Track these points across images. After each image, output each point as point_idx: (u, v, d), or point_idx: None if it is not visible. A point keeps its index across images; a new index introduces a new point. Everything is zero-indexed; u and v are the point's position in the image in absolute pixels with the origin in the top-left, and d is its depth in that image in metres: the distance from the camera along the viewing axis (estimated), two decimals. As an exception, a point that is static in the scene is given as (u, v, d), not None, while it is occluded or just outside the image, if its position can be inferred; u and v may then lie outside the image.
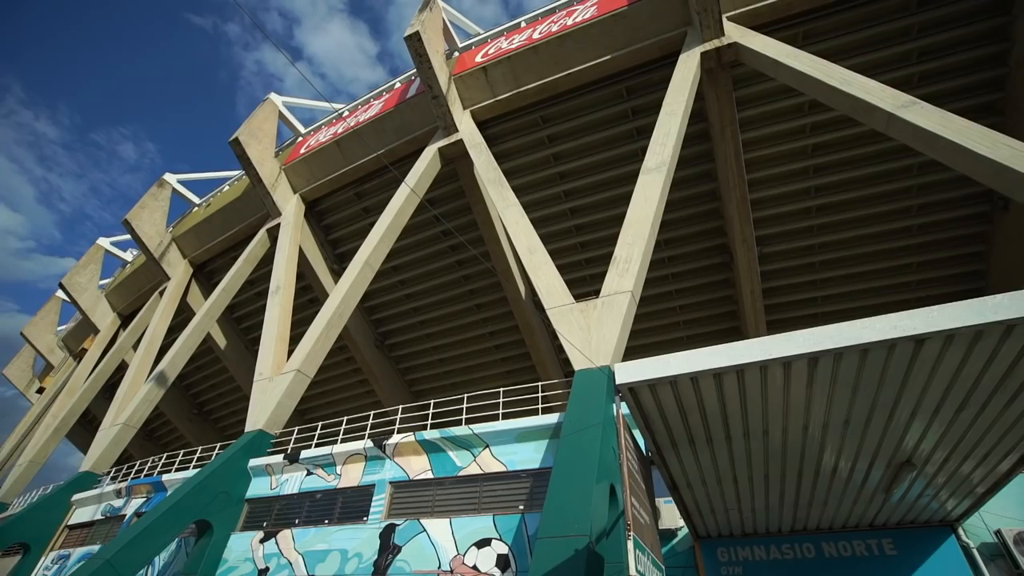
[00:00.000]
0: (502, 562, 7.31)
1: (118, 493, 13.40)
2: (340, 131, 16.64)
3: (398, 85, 17.13)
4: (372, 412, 11.54)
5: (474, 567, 7.39)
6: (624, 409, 3.93)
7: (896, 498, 5.41)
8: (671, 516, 6.91)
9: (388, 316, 19.06)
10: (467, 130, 14.22)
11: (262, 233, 17.30)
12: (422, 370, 19.97)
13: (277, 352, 13.04)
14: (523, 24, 15.81)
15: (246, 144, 16.25)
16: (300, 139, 18.76)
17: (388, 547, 8.05)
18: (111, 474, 15.26)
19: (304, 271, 17.36)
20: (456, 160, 14.67)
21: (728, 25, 12.18)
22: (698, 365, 3.19)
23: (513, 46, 14.33)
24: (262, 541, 9.30)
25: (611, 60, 13.33)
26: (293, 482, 10.02)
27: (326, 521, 9.05)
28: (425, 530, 8.03)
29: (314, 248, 17.54)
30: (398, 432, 9.81)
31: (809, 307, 15.67)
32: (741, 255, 14.34)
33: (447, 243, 16.84)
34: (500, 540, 7.54)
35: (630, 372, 3.32)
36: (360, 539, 8.40)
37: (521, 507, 7.82)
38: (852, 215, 14.14)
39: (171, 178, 20.97)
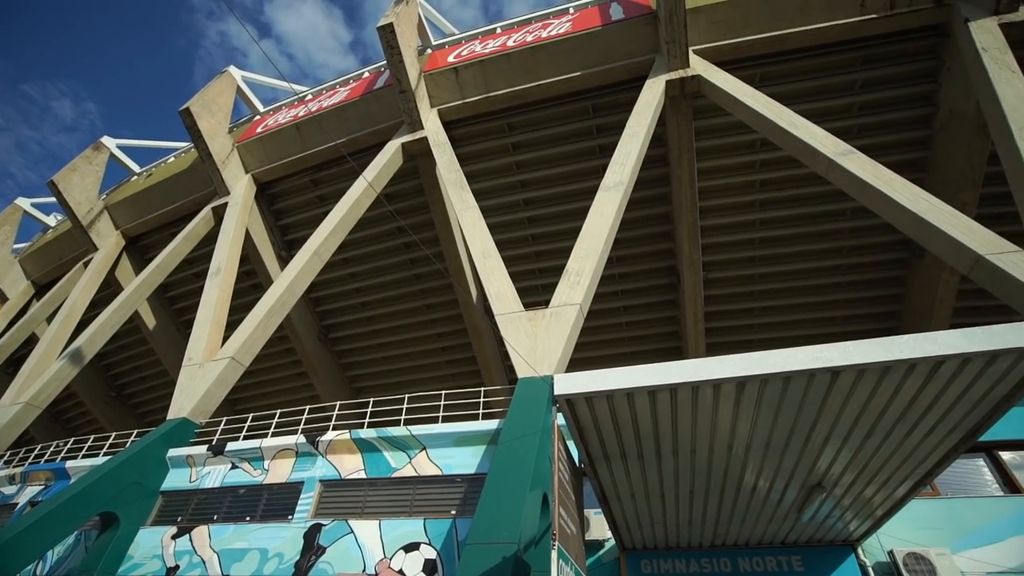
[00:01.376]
0: (429, 567, 7.22)
1: (11, 479, 12.26)
2: (301, 114, 16.10)
3: (366, 75, 16.79)
4: (308, 407, 11.15)
5: (400, 571, 7.25)
6: (561, 420, 3.99)
7: (806, 518, 5.76)
8: (600, 527, 7.05)
9: (334, 309, 18.52)
10: (432, 128, 14.11)
11: (207, 211, 16.43)
12: (365, 367, 19.50)
13: (211, 337, 12.39)
14: (498, 30, 15.91)
15: (198, 115, 15.43)
16: (258, 117, 18.00)
17: (312, 548, 7.77)
18: (5, 458, 13.95)
19: (249, 255, 16.61)
20: (418, 157, 14.51)
21: (694, 58, 12.72)
22: (634, 381, 3.29)
23: (486, 51, 14.37)
24: (174, 537, 8.75)
25: (581, 76, 13.61)
26: (215, 475, 9.50)
27: (248, 518, 8.64)
28: (353, 531, 7.81)
29: (262, 232, 16.83)
30: (333, 429, 9.50)
31: (746, 333, 16.48)
32: (688, 278, 14.92)
33: (402, 240, 16.59)
34: (429, 544, 7.44)
35: (568, 384, 3.37)
36: (283, 538, 8.07)
37: (453, 512, 7.76)
38: (791, 249, 15.03)
39: (109, 142, 19.58)
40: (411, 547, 7.47)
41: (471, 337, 17.01)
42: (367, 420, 10.00)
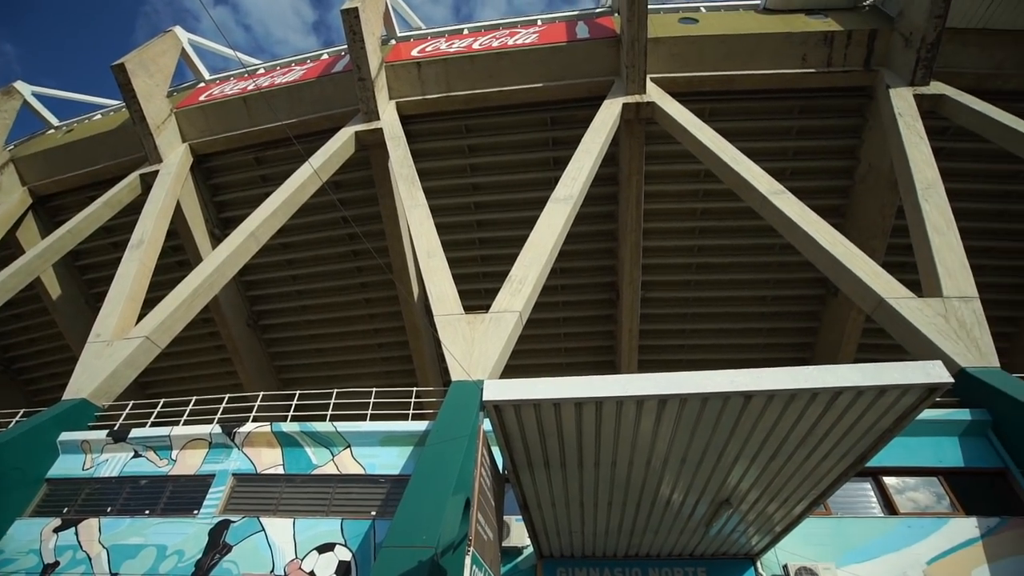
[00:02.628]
0: (343, 569, 7.00)
1: None
2: (251, 88, 15.32)
3: (325, 57, 16.25)
4: (228, 395, 10.53)
5: (311, 573, 6.98)
6: (488, 426, 4.00)
7: (713, 532, 6.07)
8: (519, 534, 7.09)
9: (268, 295, 17.66)
10: (389, 120, 13.84)
11: (134, 177, 15.23)
12: (295, 357, 18.71)
13: (125, 313, 11.45)
14: (466, 31, 15.89)
15: (133, 73, 14.31)
16: (202, 85, 16.97)
17: (217, 545, 7.32)
18: None
19: (178, 229, 15.54)
20: (371, 148, 14.17)
21: (650, 85, 13.26)
22: (562, 393, 3.36)
23: (451, 50, 14.30)
24: (57, 530, 7.96)
25: (542, 88, 13.82)
26: (114, 464, 8.76)
27: (147, 512, 8.01)
28: (264, 529, 7.44)
29: (195, 206, 15.81)
30: (254, 420, 9.03)
31: (677, 352, 17.24)
32: (627, 295, 15.43)
33: (346, 230, 16.10)
34: (345, 546, 7.22)
35: (497, 390, 3.40)
36: (185, 535, 7.55)
37: (373, 513, 7.57)
38: (723, 277, 15.92)
39: (24, 88, 17.77)
40: (325, 548, 7.21)
41: (409, 336, 16.74)
42: (291, 413, 9.59)
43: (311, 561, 7.05)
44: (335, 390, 10.18)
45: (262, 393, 10.36)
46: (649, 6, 12.58)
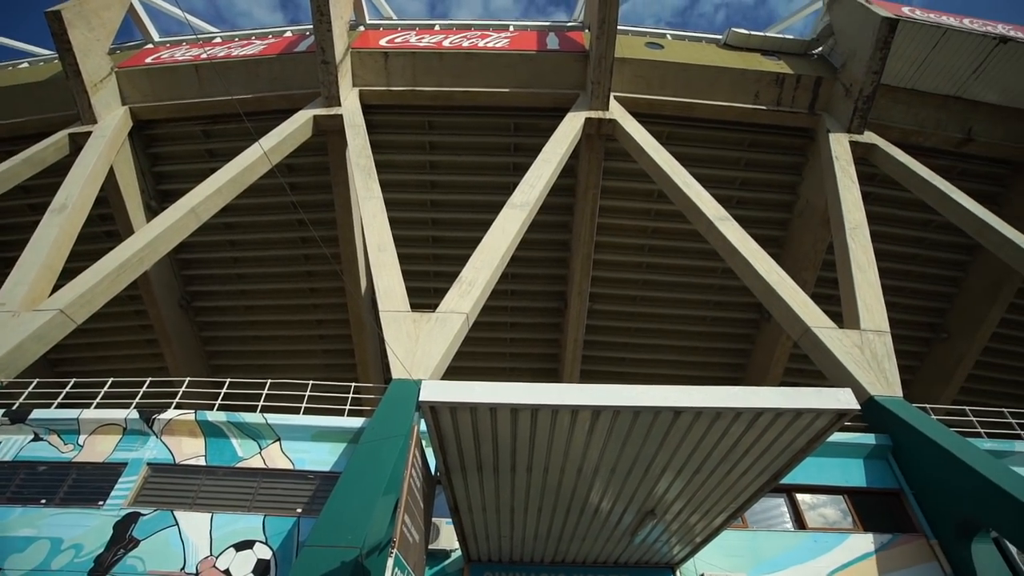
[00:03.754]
0: (262, 568, 6.71)
1: None
2: (204, 57, 14.52)
3: (289, 34, 15.67)
4: (149, 379, 9.85)
5: (226, 571, 6.64)
6: (423, 426, 3.97)
7: (638, 541, 6.26)
8: (449, 537, 7.04)
9: (205, 276, 16.73)
10: (350, 108, 13.49)
11: (62, 136, 14.03)
12: (230, 343, 17.80)
13: (38, 282, 10.49)
14: (437, 27, 15.77)
15: (70, 24, 13.21)
16: (150, 46, 15.93)
17: (122, 540, 6.82)
18: None
19: (109, 197, 14.45)
20: (329, 134, 13.76)
21: (613, 103, 13.62)
22: (499, 398, 3.39)
23: (421, 44, 14.14)
24: (-68, 518, 7.19)
25: (509, 93, 13.90)
26: (8, 447, 7.99)
27: (43, 501, 7.36)
28: (177, 524, 7.01)
29: (130, 175, 14.76)
30: (177, 407, 8.51)
31: (618, 364, 17.70)
32: (574, 306, 15.71)
33: (296, 216, 15.51)
34: (265, 544, 6.92)
35: (434, 391, 3.38)
36: (86, 527, 6.98)
37: (299, 510, 7.31)
38: (668, 295, 16.52)
39: (-58, 28, 16.03)
40: (244, 545, 6.89)
41: (353, 330, 16.32)
42: (219, 402, 9.10)
43: (227, 559, 6.71)
44: (269, 380, 9.76)
45: (188, 379, 9.79)
46: (619, 27, 12.96)
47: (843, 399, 3.78)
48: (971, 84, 14.15)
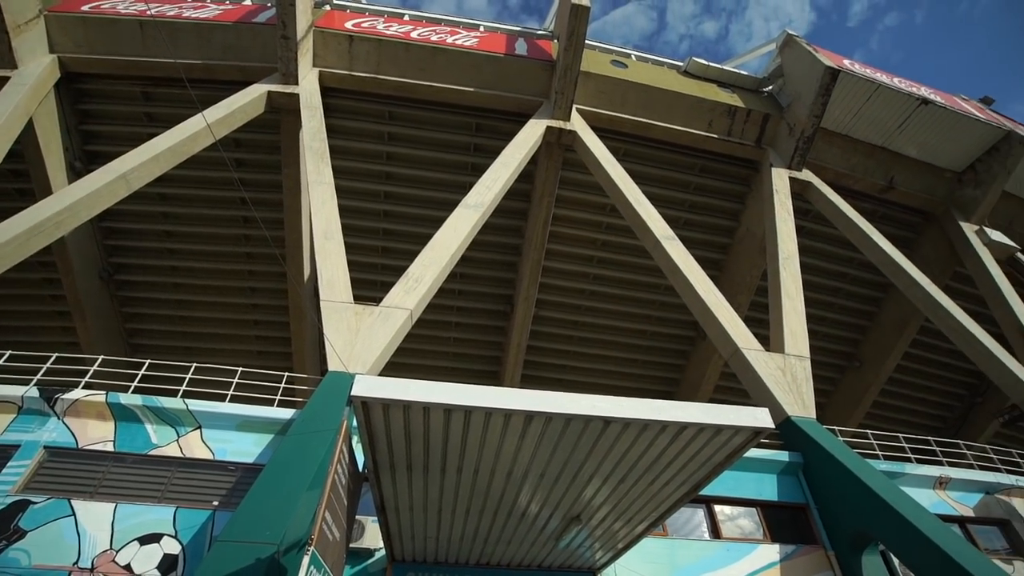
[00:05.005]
0: (168, 563, 6.31)
1: None
2: (152, 13, 13.57)
3: (248, 2, 14.91)
4: (56, 355, 9.06)
5: (127, 567, 6.19)
6: (354, 422, 3.88)
7: (562, 545, 6.38)
8: (373, 536, 6.91)
9: (131, 248, 15.59)
10: (308, 88, 13.02)
11: (-26, 80, 12.69)
12: (154, 322, 16.66)
13: (-70, 239, 9.42)
14: (406, 17, 15.52)
15: (-5, -42, 11.99)
16: (89, -6, 14.68)
17: (6, 530, 6.22)
18: None
19: (25, 151, 13.18)
20: (283, 113, 13.21)
21: (575, 115, 13.88)
22: (433, 397, 3.36)
23: (388, 32, 13.86)
24: None
25: (473, 93, 13.87)
26: None
27: (-84, 482, 6.62)
28: (74, 514, 6.48)
29: (53, 130, 13.53)
30: (86, 387, 7.87)
31: (559, 372, 17.97)
32: (521, 310, 15.84)
33: (239, 194, 14.75)
34: (175, 538, 6.52)
35: (367, 386, 3.31)
36: (-38, 514, 6.34)
37: (215, 503, 6.95)
38: (610, 307, 16.96)
39: None
40: (150, 539, 6.46)
41: (291, 318, 15.70)
42: (135, 384, 8.51)
43: (129, 553, 6.27)
44: (194, 364, 9.23)
45: (102, 357, 9.09)
46: (587, 42, 13.24)
47: (760, 418, 4.03)
48: (896, 137, 15.49)
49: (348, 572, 6.67)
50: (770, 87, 15.95)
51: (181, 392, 8.30)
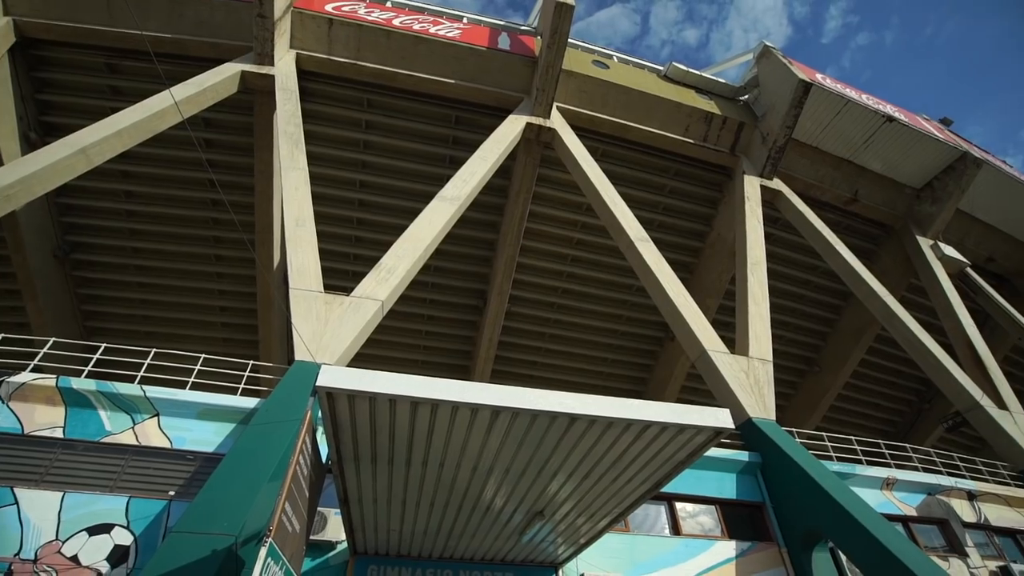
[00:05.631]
0: (118, 555, 6.10)
1: None
2: (117, -18, 12.95)
3: (222, -23, 14.36)
4: (3, 335, 8.63)
5: (74, 558, 5.96)
6: (319, 412, 3.82)
7: (526, 540, 6.43)
8: (336, 528, 6.83)
9: (91, 226, 14.93)
10: (285, 70, 12.68)
11: (-80, 40, 11.94)
12: (112, 304, 16.02)
13: None
14: (388, 3, 15.25)
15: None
16: (50, -42, 13.92)
17: (-60, 519, 5.92)
18: None
19: (-26, 120, 12.49)
20: (258, 94, 12.85)
21: (555, 113, 13.91)
22: (400, 389, 3.34)
23: (369, 17, 13.60)
24: None
25: (454, 85, 13.75)
26: None
27: None
28: (17, 502, 6.20)
29: (6, 97, 12.82)
30: (35, 370, 7.53)
31: (530, 368, 18.07)
32: (494, 305, 15.84)
33: (208, 176, 14.30)
34: (127, 528, 6.31)
35: (333, 377, 3.26)
36: None
37: (172, 493, 6.75)
38: (583, 306, 17.12)
39: None
40: (100, 529, 6.23)
41: (259, 305, 15.32)
42: (89, 368, 8.17)
43: (76, 544, 6.03)
44: (154, 349, 8.92)
45: (54, 339, 8.70)
46: (569, 40, 13.27)
47: (721, 418, 4.14)
48: (862, 152, 16.07)
49: (309, 565, 6.58)
50: (746, 96, 16.31)
51: (139, 378, 8.02)
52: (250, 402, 7.57)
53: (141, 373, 8.13)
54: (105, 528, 6.25)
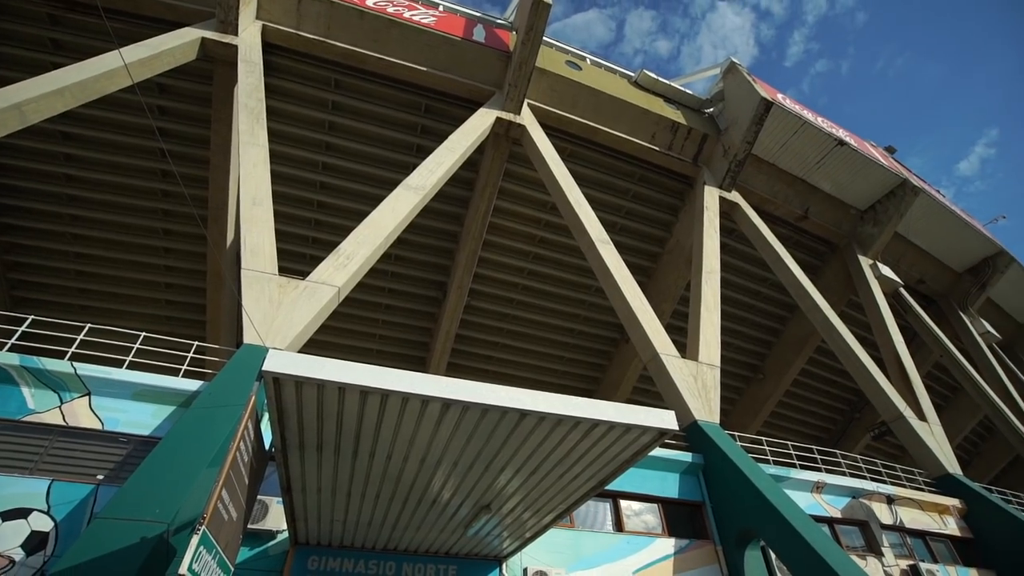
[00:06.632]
0: (34, 542, 5.74)
1: None
2: (66, -72, 12.05)
3: (185, -63, 13.61)
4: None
5: (-17, 544, 5.56)
6: (264, 398, 3.71)
7: (471, 533, 6.45)
8: (277, 518, 6.65)
9: (23, 189, 13.88)
10: (249, 41, 12.14)
11: None
12: (44, 274, 14.97)
13: None
14: (363, -17, 14.81)
15: None
16: None
17: None
18: None
19: None
20: (218, 63, 12.26)
21: (526, 110, 13.93)
22: (350, 378, 3.28)
23: (342, -5, 13.19)
24: None
25: (425, 73, 13.54)
26: None
27: None
28: (-78, 482, 5.74)
29: (-68, 43, 11.76)
30: (-51, 341, 6.96)
31: (485, 362, 18.09)
32: (453, 298, 15.76)
33: (160, 144, 13.55)
34: (46, 513, 5.94)
35: (281, 362, 3.17)
36: None
37: (100, 477, 6.39)
38: (540, 302, 17.24)
39: None
40: (15, 514, 5.84)
41: (208, 284, 14.69)
42: (12, 341, 7.62)
43: (-12, 528, 5.64)
44: (89, 324, 8.40)
45: (-26, 308, 8.06)
46: (544, 39, 13.30)
47: (666, 420, 4.27)
48: (814, 172, 16.88)
49: (246, 554, 6.38)
50: (711, 109, 16.82)
51: (70, 354, 7.54)
52: (192, 384, 7.26)
53: (73, 349, 7.65)
54: (22, 513, 5.87)
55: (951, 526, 11.53)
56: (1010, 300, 21.72)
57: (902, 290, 17.95)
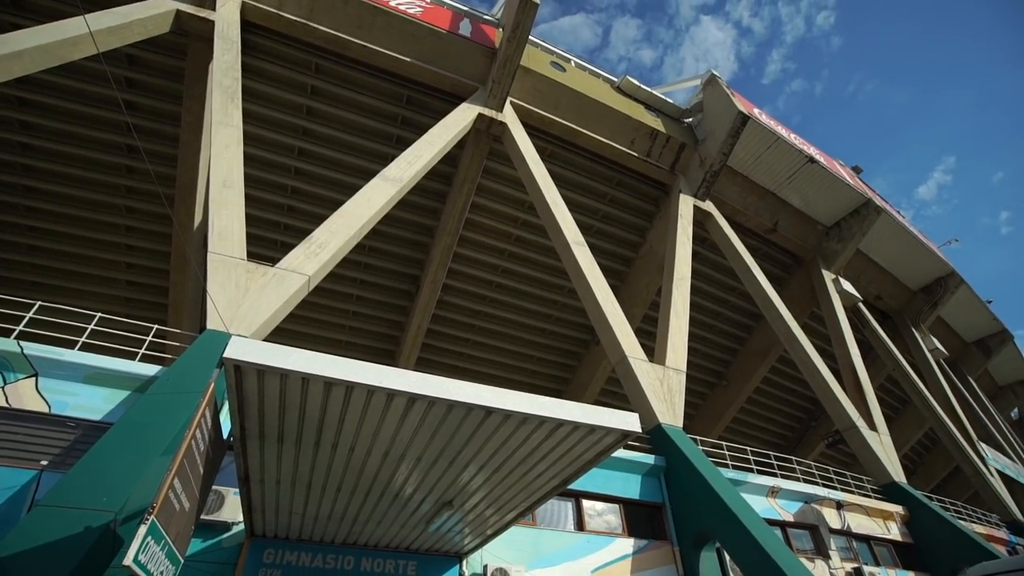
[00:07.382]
0: (-31, 527, 5.44)
1: None
2: None
3: (163, -96, 13.09)
4: None
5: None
6: (224, 386, 3.61)
7: (432, 529, 6.43)
8: (233, 509, 6.48)
9: (-28, 155, 13.14)
10: (227, 17, 11.76)
11: None
12: (-7, 248, 14.23)
13: None
14: (349, -33, 14.52)
15: None
16: None
17: None
18: None
19: None
20: (193, 39, 11.85)
21: (508, 108, 13.91)
22: (315, 368, 3.22)
23: (326, -22, 12.90)
24: None
25: (409, 64, 13.38)
26: None
27: None
28: None
29: None
30: None
31: (456, 359, 18.02)
32: (426, 293, 15.65)
33: (126, 118, 13.01)
34: (-17, 499, 5.65)
35: (243, 349, 3.08)
36: None
37: (45, 462, 6.11)
38: (515, 302, 17.30)
39: None
40: (-55, 500, 5.54)
41: (172, 266, 14.20)
42: (-45, 316, 7.22)
43: (-86, 514, 5.33)
44: (39, 302, 8.01)
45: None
46: (531, 38, 13.30)
47: (630, 422, 4.34)
48: (785, 186, 17.39)
49: (200, 546, 6.21)
50: (690, 119, 17.13)
51: (16, 332, 7.17)
52: (150, 369, 7.00)
53: (20, 327, 7.27)
54: (-45, 497, 5.57)
55: (894, 531, 12.09)
56: (958, 319, 22.88)
57: (861, 305, 18.68)
